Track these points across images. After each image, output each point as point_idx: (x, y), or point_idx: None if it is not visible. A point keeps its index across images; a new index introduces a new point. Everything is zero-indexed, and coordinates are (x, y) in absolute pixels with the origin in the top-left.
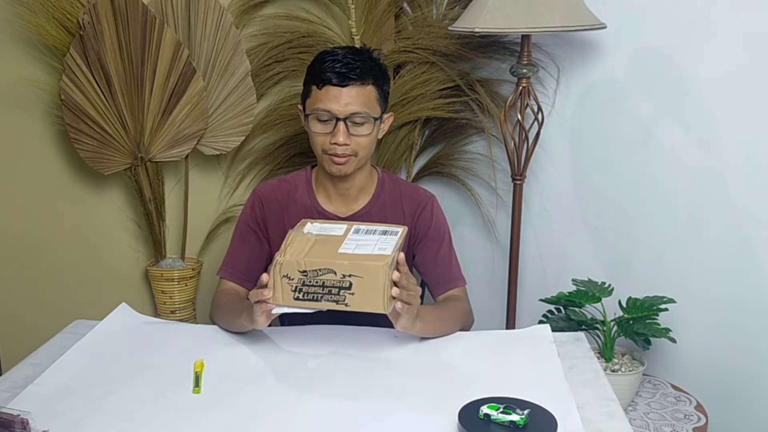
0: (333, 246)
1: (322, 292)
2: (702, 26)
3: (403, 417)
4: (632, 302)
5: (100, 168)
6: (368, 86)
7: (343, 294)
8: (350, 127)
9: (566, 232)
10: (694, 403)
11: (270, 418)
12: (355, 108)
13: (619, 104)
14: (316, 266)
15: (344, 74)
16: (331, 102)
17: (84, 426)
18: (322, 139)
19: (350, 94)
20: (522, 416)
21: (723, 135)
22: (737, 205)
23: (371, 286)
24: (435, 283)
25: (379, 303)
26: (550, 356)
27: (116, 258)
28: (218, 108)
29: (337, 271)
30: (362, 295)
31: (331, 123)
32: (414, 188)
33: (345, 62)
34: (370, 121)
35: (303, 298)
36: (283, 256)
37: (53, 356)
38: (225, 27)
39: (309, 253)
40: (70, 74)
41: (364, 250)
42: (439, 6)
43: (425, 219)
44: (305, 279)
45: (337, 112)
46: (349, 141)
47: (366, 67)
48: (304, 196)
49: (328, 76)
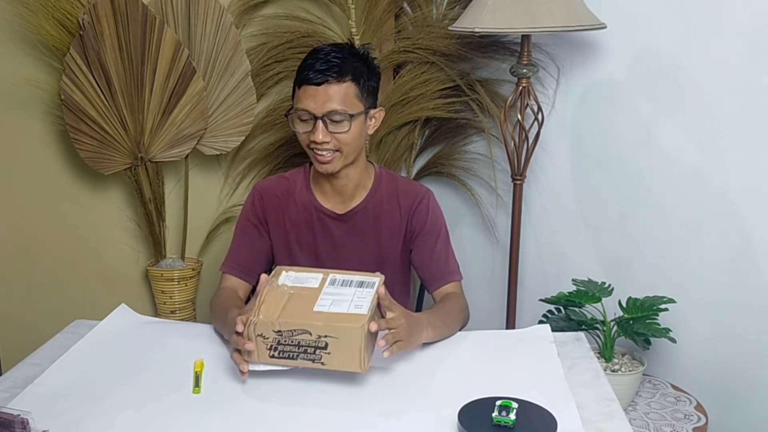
0: (308, 303)
1: (298, 351)
2: (702, 26)
3: (403, 417)
4: (632, 302)
5: (100, 168)
6: (345, 83)
7: (319, 353)
8: (329, 125)
9: (566, 232)
10: (694, 403)
11: (270, 417)
12: (332, 106)
13: (619, 104)
14: (291, 327)
15: (321, 71)
16: (309, 101)
17: (84, 426)
18: (304, 138)
19: (327, 92)
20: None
21: (723, 135)
22: (737, 205)
23: (347, 347)
24: (431, 277)
25: (356, 363)
26: (550, 356)
27: (116, 258)
28: (218, 108)
29: (312, 332)
30: (339, 355)
31: (310, 122)
32: (410, 183)
33: (325, 60)
34: (348, 119)
35: (279, 356)
36: (256, 316)
37: (53, 356)
38: (225, 27)
39: (283, 313)
40: (70, 74)
41: (339, 307)
42: (439, 6)
43: (421, 214)
44: (280, 338)
45: (315, 110)
46: (329, 138)
47: (344, 64)
48: (302, 193)
49: (306, 75)
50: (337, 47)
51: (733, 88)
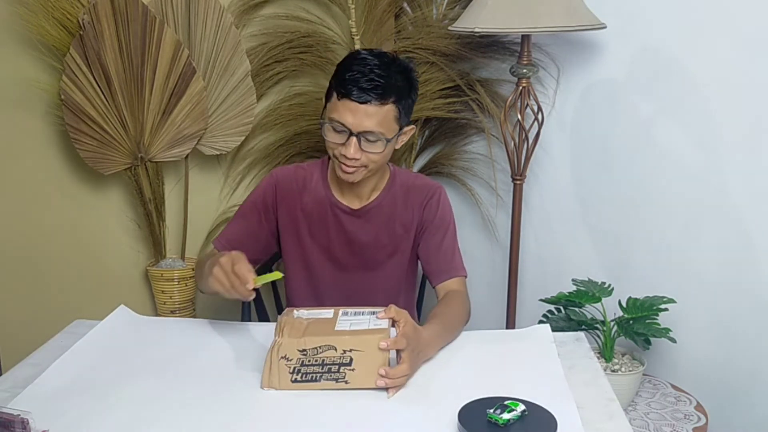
0: (328, 325)
1: (321, 371)
2: (702, 26)
3: (403, 417)
4: (632, 302)
5: (100, 168)
6: (388, 105)
7: (344, 371)
8: (362, 143)
9: (566, 232)
10: (694, 403)
11: (269, 416)
12: (370, 126)
13: (619, 104)
14: (316, 344)
15: (366, 90)
16: (347, 115)
17: (84, 426)
18: (333, 147)
19: (367, 111)
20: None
21: (723, 135)
22: (737, 205)
23: (372, 360)
24: (435, 271)
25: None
26: (550, 356)
27: (116, 258)
28: (218, 108)
29: (338, 346)
30: (363, 370)
31: (344, 134)
32: (422, 178)
33: (369, 77)
34: (384, 141)
35: (301, 379)
36: (281, 337)
37: (53, 356)
38: (225, 27)
39: (306, 332)
40: (70, 74)
41: (360, 326)
42: (439, 6)
43: (432, 207)
44: (304, 359)
45: (352, 126)
46: (360, 155)
47: (390, 85)
48: (318, 186)
49: (349, 89)
50: (381, 60)
51: (733, 88)
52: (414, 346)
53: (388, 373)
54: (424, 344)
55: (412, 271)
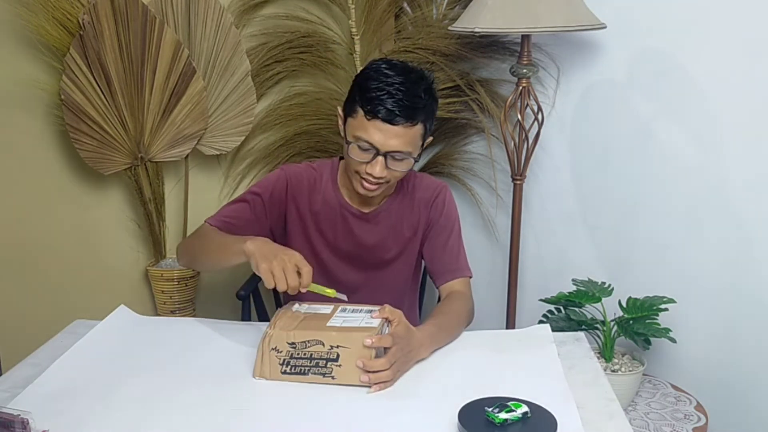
0: (321, 321)
1: (309, 365)
2: (702, 26)
3: (403, 417)
4: (632, 302)
5: (100, 168)
6: (416, 126)
7: (330, 366)
8: (389, 161)
9: (566, 232)
10: (694, 403)
11: (270, 416)
12: (398, 146)
13: (619, 104)
14: (305, 338)
15: (394, 113)
16: (376, 135)
17: (84, 426)
18: (357, 164)
19: (397, 132)
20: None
21: (722, 135)
22: (737, 205)
23: (358, 357)
24: (440, 270)
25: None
26: (550, 356)
27: (116, 258)
28: (218, 108)
29: (325, 341)
30: (349, 367)
31: (370, 152)
32: (428, 178)
33: (398, 99)
34: (410, 160)
35: (290, 371)
36: (272, 329)
37: (53, 356)
38: (225, 27)
39: (298, 326)
40: (70, 74)
41: (352, 323)
42: (439, 6)
43: (437, 207)
44: (293, 351)
45: (380, 146)
46: (385, 173)
47: (418, 106)
48: (328, 187)
49: (377, 109)
50: (407, 77)
51: (733, 88)
52: (403, 346)
53: (366, 365)
54: (416, 345)
55: (418, 269)
